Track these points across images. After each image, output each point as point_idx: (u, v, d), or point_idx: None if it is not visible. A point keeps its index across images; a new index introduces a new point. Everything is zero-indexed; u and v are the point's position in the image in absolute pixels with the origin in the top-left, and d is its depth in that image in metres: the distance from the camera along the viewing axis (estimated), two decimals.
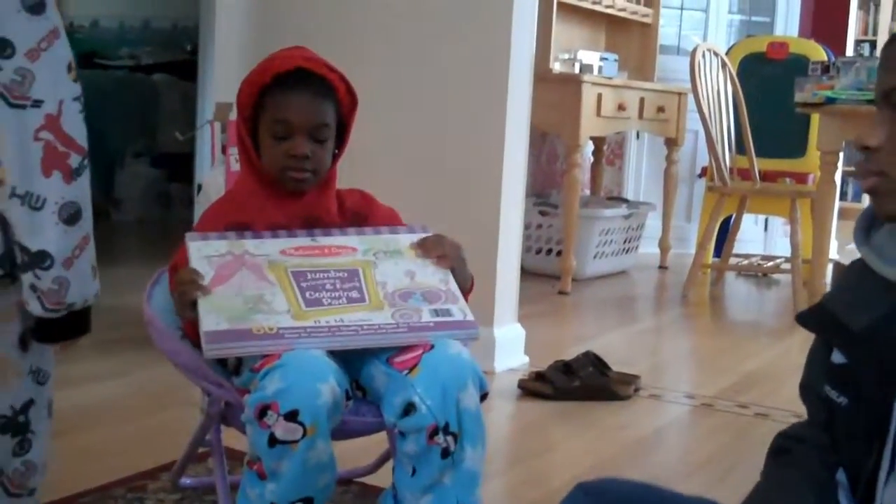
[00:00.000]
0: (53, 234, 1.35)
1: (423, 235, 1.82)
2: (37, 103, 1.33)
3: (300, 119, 1.74)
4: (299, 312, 1.61)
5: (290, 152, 1.74)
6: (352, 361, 1.67)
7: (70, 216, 1.36)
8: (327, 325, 1.60)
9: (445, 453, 1.59)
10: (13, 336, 1.45)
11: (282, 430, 1.50)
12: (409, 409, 1.59)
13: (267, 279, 1.65)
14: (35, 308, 1.38)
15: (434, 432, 1.58)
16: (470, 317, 1.70)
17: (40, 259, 1.35)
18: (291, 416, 1.49)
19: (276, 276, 1.66)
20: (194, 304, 1.60)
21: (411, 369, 1.62)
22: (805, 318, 1.24)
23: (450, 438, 1.59)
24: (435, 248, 1.78)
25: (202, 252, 1.67)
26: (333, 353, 1.63)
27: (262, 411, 1.51)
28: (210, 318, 1.57)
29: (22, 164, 1.33)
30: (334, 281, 1.67)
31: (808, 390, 1.27)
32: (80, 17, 7.80)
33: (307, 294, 1.64)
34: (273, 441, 1.51)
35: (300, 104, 1.74)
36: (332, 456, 1.58)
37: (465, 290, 1.77)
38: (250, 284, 1.63)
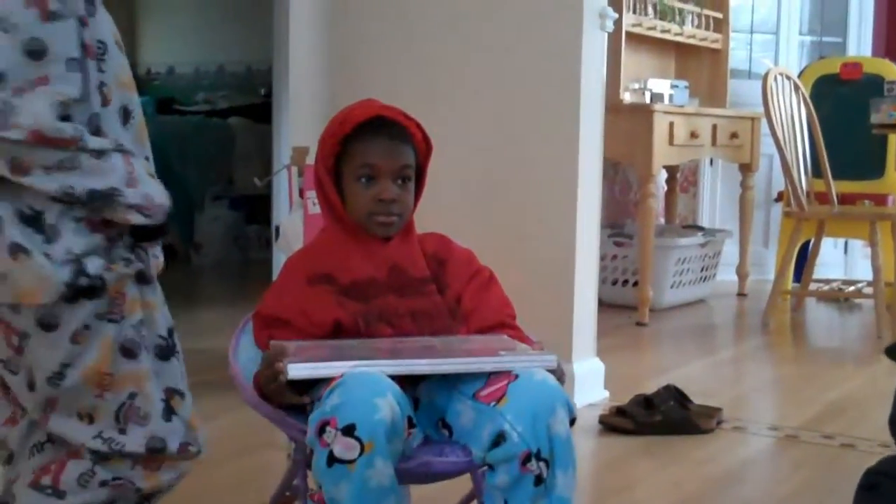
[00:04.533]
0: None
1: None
2: None
3: (385, 162, 1.78)
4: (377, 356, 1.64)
5: (378, 196, 1.77)
6: (437, 401, 1.68)
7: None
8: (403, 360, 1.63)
9: (539, 480, 1.58)
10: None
11: (340, 446, 1.50)
12: (498, 439, 1.59)
13: (346, 349, 1.68)
14: (138, 218, 1.58)
15: (527, 459, 1.58)
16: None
17: (111, 190, 1.55)
18: (348, 431, 1.50)
19: (355, 348, 1.69)
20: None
21: (498, 400, 1.62)
22: (894, 352, 1.23)
23: (542, 465, 1.58)
24: None
25: (284, 345, 1.70)
26: (419, 393, 1.64)
27: (322, 428, 1.52)
28: (293, 358, 1.62)
29: None
30: (412, 350, 1.69)
31: None
32: (156, 64, 8.01)
33: (390, 354, 1.66)
34: (331, 460, 1.51)
35: (384, 148, 1.78)
36: (395, 481, 1.56)
37: None
38: (329, 351, 1.67)
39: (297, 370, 1.59)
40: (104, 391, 1.59)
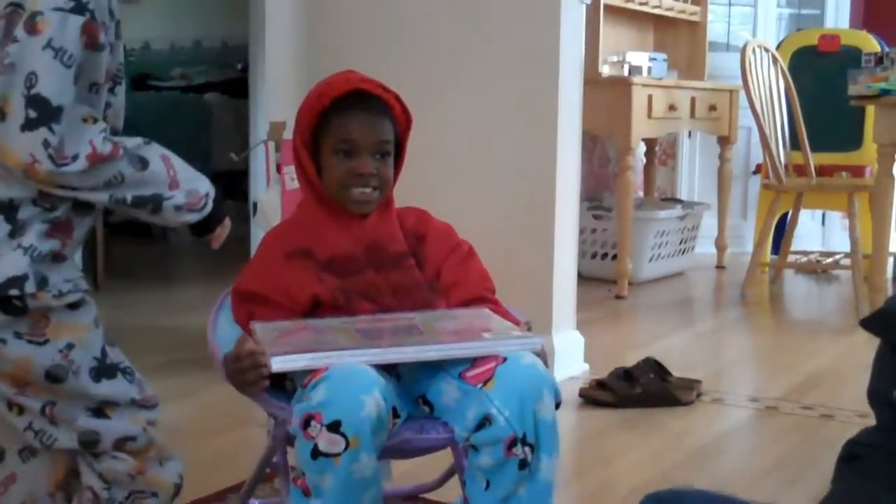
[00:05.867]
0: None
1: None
2: None
3: (363, 138, 1.76)
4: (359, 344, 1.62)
5: (356, 171, 1.76)
6: (420, 377, 1.67)
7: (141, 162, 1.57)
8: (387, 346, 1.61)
9: (523, 465, 1.58)
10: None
11: (325, 441, 1.50)
12: (484, 422, 1.59)
13: (328, 332, 1.66)
14: (191, 217, 1.63)
15: (513, 444, 1.58)
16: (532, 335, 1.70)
17: (156, 195, 1.58)
18: (334, 428, 1.49)
19: (337, 330, 1.68)
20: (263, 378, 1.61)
21: (486, 382, 1.61)
22: (870, 324, 1.23)
23: (527, 449, 1.58)
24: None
25: (266, 327, 1.68)
26: (400, 370, 1.64)
27: (307, 421, 1.51)
28: (273, 349, 1.59)
29: None
30: (394, 329, 1.68)
31: (878, 396, 1.26)
32: (131, 40, 7.91)
33: (367, 335, 1.65)
34: (316, 453, 1.51)
35: (362, 123, 1.76)
36: (377, 472, 1.57)
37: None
38: (311, 336, 1.65)
39: (281, 363, 1.57)
40: (22, 391, 1.58)
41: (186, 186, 1.62)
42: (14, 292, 1.50)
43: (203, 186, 1.66)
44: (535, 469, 1.60)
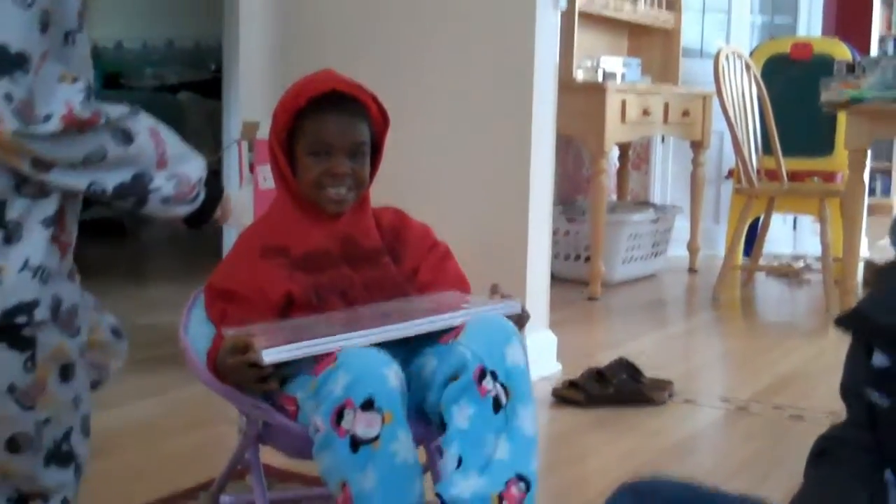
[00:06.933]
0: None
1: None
2: None
3: (339, 139, 1.76)
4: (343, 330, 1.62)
5: (330, 171, 1.76)
6: (400, 359, 1.65)
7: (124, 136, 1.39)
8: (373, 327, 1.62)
9: (497, 405, 1.57)
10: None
11: (362, 424, 1.48)
12: (455, 374, 1.58)
13: (305, 329, 1.66)
14: (181, 210, 1.48)
15: (482, 376, 1.57)
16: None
17: (139, 180, 1.40)
18: (368, 406, 1.49)
19: (315, 324, 1.67)
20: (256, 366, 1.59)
21: (456, 336, 1.63)
22: (844, 322, 1.24)
23: (499, 387, 1.57)
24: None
25: (240, 332, 1.66)
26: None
27: (339, 415, 1.50)
28: (263, 342, 1.58)
29: None
30: (371, 316, 1.68)
31: (849, 391, 1.27)
32: (103, 38, 7.88)
33: (348, 323, 1.65)
34: (355, 444, 1.49)
35: (338, 125, 1.77)
36: (417, 462, 1.56)
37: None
38: (292, 331, 1.65)
39: (273, 355, 1.56)
40: None
41: (176, 168, 1.44)
42: (21, 320, 1.34)
43: (195, 170, 1.49)
44: (512, 416, 1.57)
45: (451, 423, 1.57)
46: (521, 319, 1.72)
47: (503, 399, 1.57)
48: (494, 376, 1.58)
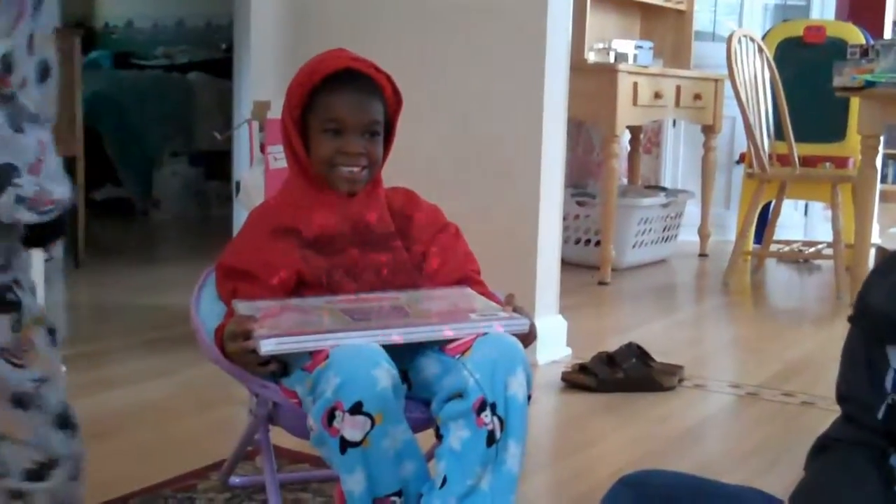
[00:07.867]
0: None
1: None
2: None
3: (353, 117, 1.75)
4: (347, 325, 1.61)
5: (344, 150, 1.75)
6: (403, 352, 1.65)
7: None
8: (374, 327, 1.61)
9: (491, 440, 1.57)
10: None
11: (349, 427, 1.49)
12: (456, 395, 1.58)
13: (313, 313, 1.65)
14: (28, 217, 1.32)
15: (482, 407, 1.56)
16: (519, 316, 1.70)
17: (7, 169, 1.28)
18: (356, 410, 1.49)
19: (321, 310, 1.67)
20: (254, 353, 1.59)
21: (463, 353, 1.61)
22: (859, 321, 1.23)
23: (496, 420, 1.57)
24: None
25: (248, 306, 1.67)
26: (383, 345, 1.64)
27: (331, 416, 1.50)
28: (262, 331, 1.58)
29: None
30: (379, 309, 1.67)
31: (851, 394, 1.27)
32: (114, 17, 7.88)
33: (354, 316, 1.64)
34: (343, 445, 1.50)
35: (352, 103, 1.75)
36: (413, 443, 1.56)
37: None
38: (296, 316, 1.64)
39: (269, 346, 1.56)
40: None
41: (44, 181, 1.32)
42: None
43: (60, 192, 1.36)
44: (503, 453, 1.58)
45: (446, 438, 1.59)
46: (527, 338, 1.70)
47: (497, 434, 1.57)
48: (493, 409, 1.57)
